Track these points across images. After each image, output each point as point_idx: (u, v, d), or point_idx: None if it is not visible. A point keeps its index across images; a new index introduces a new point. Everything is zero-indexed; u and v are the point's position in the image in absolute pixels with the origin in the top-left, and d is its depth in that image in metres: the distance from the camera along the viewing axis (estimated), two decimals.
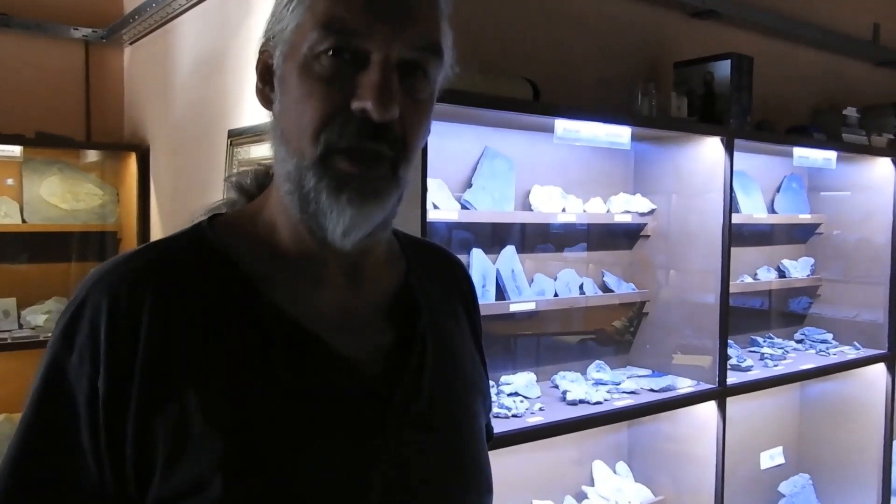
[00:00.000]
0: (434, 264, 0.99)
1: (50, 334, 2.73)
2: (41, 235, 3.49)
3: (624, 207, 2.67)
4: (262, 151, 2.41)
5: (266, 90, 0.82)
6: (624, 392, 2.46)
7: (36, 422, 0.73)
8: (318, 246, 0.79)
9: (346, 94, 0.73)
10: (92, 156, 3.69)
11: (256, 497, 0.70)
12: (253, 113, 2.50)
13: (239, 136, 2.57)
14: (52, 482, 0.71)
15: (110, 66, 3.73)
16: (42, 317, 3.35)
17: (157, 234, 3.46)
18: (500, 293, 2.39)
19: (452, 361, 0.90)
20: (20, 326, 3.37)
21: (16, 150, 3.27)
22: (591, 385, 2.50)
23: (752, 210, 3.13)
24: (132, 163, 3.54)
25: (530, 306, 2.40)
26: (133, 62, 3.71)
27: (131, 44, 3.65)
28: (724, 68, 2.67)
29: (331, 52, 0.73)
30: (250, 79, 2.52)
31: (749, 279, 3.20)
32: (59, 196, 3.49)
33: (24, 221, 3.38)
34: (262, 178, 0.90)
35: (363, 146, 0.73)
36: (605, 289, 2.70)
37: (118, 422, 0.70)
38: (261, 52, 0.83)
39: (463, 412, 0.88)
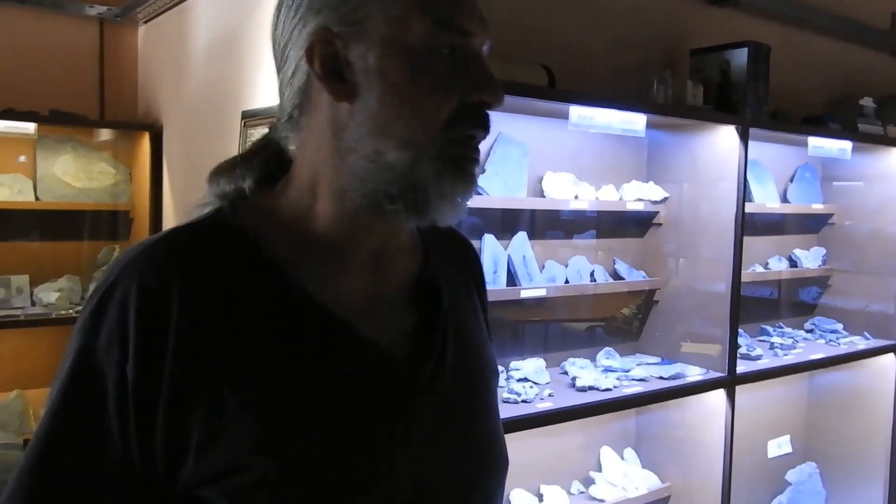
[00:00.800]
0: (448, 247, 1.01)
1: (62, 312, 2.76)
2: (54, 213, 3.51)
3: (636, 195, 2.66)
4: None
5: (336, 84, 0.79)
6: (633, 379, 2.47)
7: (64, 403, 0.73)
8: (348, 232, 0.82)
9: (464, 88, 0.78)
10: (105, 134, 3.69)
11: (292, 477, 0.72)
12: (267, 94, 2.50)
13: (253, 118, 2.57)
14: (79, 462, 0.72)
15: (125, 45, 3.73)
16: (54, 294, 3.37)
17: (169, 213, 3.47)
18: (511, 279, 2.39)
19: (471, 343, 0.93)
20: (33, 304, 3.39)
21: (30, 128, 3.27)
22: (600, 372, 2.50)
23: (765, 199, 3.12)
24: (145, 142, 3.55)
25: (541, 292, 2.40)
26: (147, 41, 3.71)
27: (146, 22, 3.65)
28: (740, 56, 2.66)
29: (448, 49, 0.78)
30: (265, 59, 2.53)
31: (760, 268, 3.19)
32: (73, 174, 3.50)
33: (37, 199, 3.39)
34: (275, 162, 0.89)
35: (479, 135, 0.81)
36: (616, 276, 2.70)
37: (148, 406, 0.71)
38: (319, 41, 0.79)
39: (482, 392, 0.92)
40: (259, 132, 2.52)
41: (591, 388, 2.34)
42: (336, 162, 0.81)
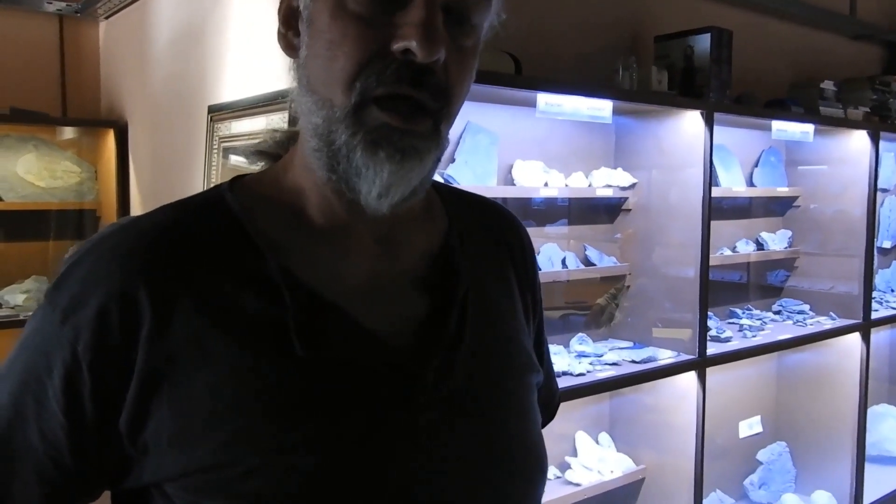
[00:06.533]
0: (482, 222, 0.89)
1: (30, 313, 2.72)
2: (18, 214, 3.45)
3: (605, 182, 2.68)
4: (243, 127, 2.39)
5: (289, 35, 0.74)
6: (606, 364, 2.49)
7: (8, 371, 0.70)
8: (346, 211, 0.73)
9: (385, 36, 0.65)
10: (68, 132, 3.64)
11: (266, 480, 0.66)
12: (233, 88, 2.48)
13: (219, 112, 2.54)
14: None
15: (86, 41, 3.68)
16: (21, 296, 3.32)
17: (136, 210, 3.43)
18: None
19: (497, 331, 0.82)
20: None
21: None
22: (573, 357, 2.52)
23: (732, 184, 3.16)
24: (110, 139, 3.50)
25: None
26: (109, 37, 3.65)
27: (107, 18, 3.60)
28: (703, 42, 2.68)
29: None
30: (230, 53, 2.51)
31: (728, 252, 3.23)
32: (36, 173, 3.45)
33: (0, 199, 3.34)
34: (286, 140, 0.83)
35: (403, 93, 0.65)
36: (587, 263, 2.72)
37: (105, 393, 0.67)
38: None
39: (507, 390, 0.80)
40: (226, 126, 2.50)
41: (564, 373, 2.35)
42: (301, 125, 0.73)
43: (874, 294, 3.51)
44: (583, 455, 2.68)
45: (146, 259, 0.69)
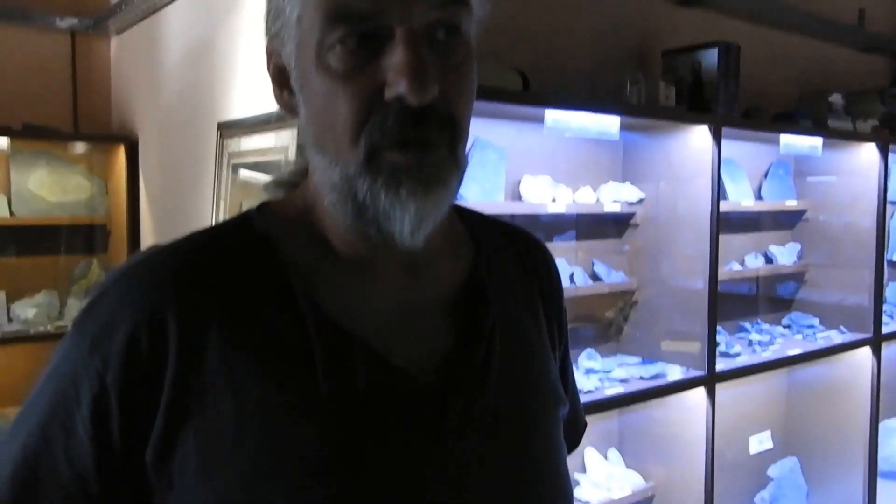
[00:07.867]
0: (509, 248, 0.89)
1: (40, 328, 2.74)
2: (30, 228, 3.48)
3: (613, 196, 2.68)
4: (252, 143, 2.41)
5: (285, 95, 0.74)
6: (615, 380, 2.49)
7: (37, 399, 0.71)
8: (371, 245, 0.72)
9: (375, 83, 0.65)
10: (80, 147, 3.67)
11: None
12: (243, 105, 2.50)
13: (229, 129, 2.56)
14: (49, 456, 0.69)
15: (97, 57, 3.71)
16: (32, 310, 3.34)
17: (146, 226, 3.45)
18: None
19: (525, 362, 0.81)
20: (10, 320, 3.36)
21: (2, 142, 3.25)
22: (582, 373, 2.52)
23: (740, 197, 3.15)
24: (121, 154, 3.53)
25: None
26: (120, 53, 3.69)
27: (118, 34, 3.63)
28: (711, 56, 2.68)
29: (344, 42, 0.65)
30: (240, 70, 2.53)
31: (737, 266, 3.22)
32: (48, 188, 3.48)
33: (11, 214, 3.36)
34: (306, 169, 0.81)
35: (409, 137, 0.65)
36: (596, 277, 2.72)
37: (133, 424, 0.68)
38: (268, 55, 0.74)
39: (536, 419, 0.80)
40: (236, 143, 2.51)
41: None
42: (318, 178, 0.74)
43: (885, 307, 3.49)
44: (592, 472, 2.66)
45: (176, 286, 0.70)
